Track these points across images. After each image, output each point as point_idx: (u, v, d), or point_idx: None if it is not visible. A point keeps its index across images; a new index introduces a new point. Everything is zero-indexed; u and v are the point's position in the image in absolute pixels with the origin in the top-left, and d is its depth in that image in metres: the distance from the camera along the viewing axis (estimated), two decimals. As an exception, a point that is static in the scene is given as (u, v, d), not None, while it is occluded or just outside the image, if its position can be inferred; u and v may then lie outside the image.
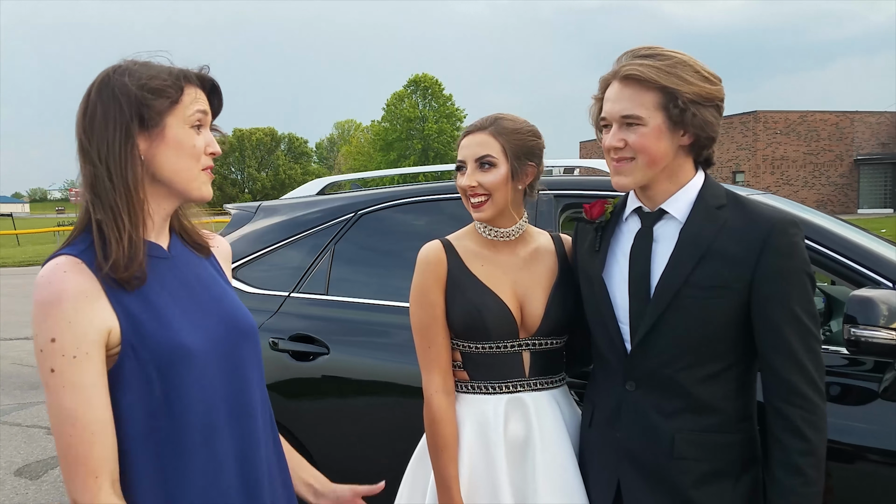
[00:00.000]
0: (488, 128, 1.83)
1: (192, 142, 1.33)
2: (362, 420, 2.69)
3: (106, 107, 1.28)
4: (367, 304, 2.78)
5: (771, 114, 36.19)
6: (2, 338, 9.06)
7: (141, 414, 1.26)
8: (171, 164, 1.32)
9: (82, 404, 1.20)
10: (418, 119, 58.76)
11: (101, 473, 1.21)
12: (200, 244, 1.47)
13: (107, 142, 1.27)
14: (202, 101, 1.36)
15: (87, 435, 1.20)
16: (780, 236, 1.55)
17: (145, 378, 1.26)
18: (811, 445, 1.52)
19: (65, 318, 1.20)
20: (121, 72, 1.30)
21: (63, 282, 1.22)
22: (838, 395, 2.11)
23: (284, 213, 3.12)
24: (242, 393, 1.38)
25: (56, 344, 1.20)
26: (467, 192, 1.83)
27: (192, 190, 1.35)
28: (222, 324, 1.38)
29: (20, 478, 4.50)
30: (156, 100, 1.29)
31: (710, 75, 1.61)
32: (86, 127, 1.29)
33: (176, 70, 1.33)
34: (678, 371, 1.60)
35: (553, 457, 1.77)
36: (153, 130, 1.30)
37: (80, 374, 1.20)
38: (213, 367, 1.33)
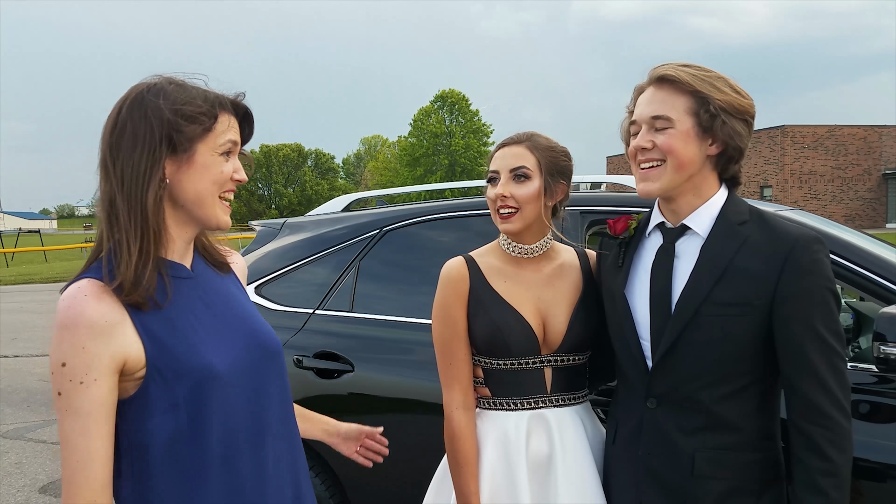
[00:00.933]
0: (524, 142, 1.84)
1: (219, 169, 1.32)
2: (387, 437, 2.68)
3: (136, 126, 1.27)
4: (392, 322, 2.79)
5: (799, 128, 35.84)
6: (29, 354, 9.20)
7: (166, 436, 1.25)
8: (195, 189, 1.31)
9: (77, 431, 1.20)
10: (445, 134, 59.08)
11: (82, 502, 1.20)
12: (220, 262, 1.47)
13: (132, 162, 1.26)
14: (234, 129, 1.35)
15: (74, 462, 1.20)
16: (802, 253, 1.53)
17: (172, 400, 1.25)
18: (834, 466, 1.49)
19: (79, 343, 1.20)
20: (155, 92, 1.29)
21: (82, 306, 1.21)
22: (868, 413, 2.08)
23: (310, 230, 3.15)
24: (264, 412, 1.38)
25: (66, 368, 1.20)
26: (497, 202, 1.82)
27: (210, 218, 1.34)
28: (247, 343, 1.38)
29: (44, 495, 4.54)
30: (188, 126, 1.28)
31: (741, 90, 1.63)
32: (112, 143, 1.28)
33: (212, 96, 1.33)
34: (699, 389, 1.59)
35: (576, 473, 1.77)
36: (182, 156, 1.29)
37: (83, 400, 1.20)
38: (237, 387, 1.33)
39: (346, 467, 2.71)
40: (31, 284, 20.07)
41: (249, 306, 1.47)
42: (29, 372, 8.08)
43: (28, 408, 6.59)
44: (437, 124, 59.10)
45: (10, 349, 9.51)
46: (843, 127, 36.40)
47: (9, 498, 4.49)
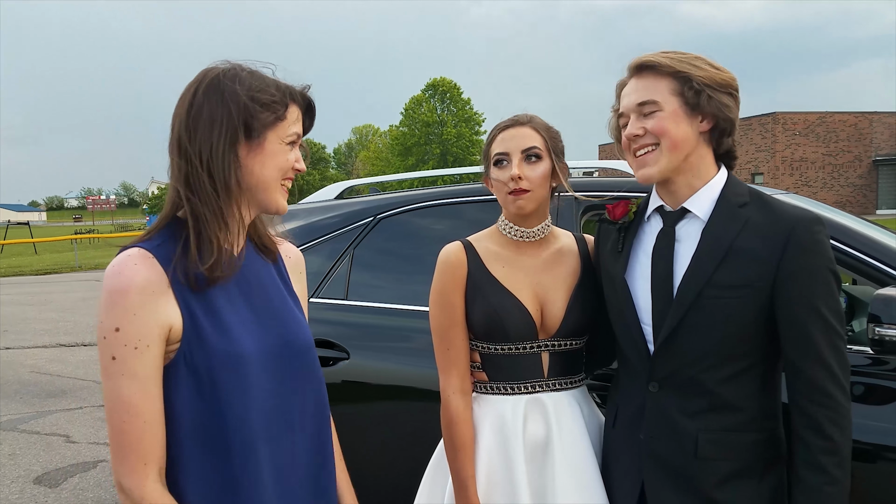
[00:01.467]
0: (528, 123, 1.83)
1: (284, 157, 1.37)
2: (383, 424, 2.69)
3: (213, 109, 1.30)
4: (387, 309, 2.78)
5: (790, 115, 35.94)
6: (20, 346, 9.17)
7: (189, 412, 1.29)
8: (261, 174, 1.35)
9: (139, 394, 1.24)
10: (437, 123, 58.93)
11: (149, 461, 1.26)
12: (268, 247, 1.49)
13: (211, 143, 1.30)
14: (299, 122, 1.40)
15: (140, 423, 1.25)
16: (803, 234, 1.54)
17: (196, 379, 1.29)
18: (835, 444, 1.51)
19: (131, 308, 1.23)
20: (231, 76, 1.33)
21: (133, 273, 1.25)
22: (862, 395, 2.09)
23: (302, 218, 3.13)
24: (290, 406, 1.40)
25: (120, 333, 1.23)
26: (509, 184, 1.79)
27: (271, 202, 1.39)
28: (277, 337, 1.39)
29: (39, 486, 4.54)
30: (263, 113, 1.32)
31: (721, 67, 1.64)
32: (189, 125, 1.31)
33: (283, 86, 1.37)
34: (701, 371, 1.59)
35: (573, 457, 1.77)
36: (253, 141, 1.33)
37: (141, 364, 1.24)
38: (259, 377, 1.34)
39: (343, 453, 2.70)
40: (21, 276, 19.96)
41: (289, 301, 1.48)
42: (21, 364, 8.06)
43: (21, 399, 6.57)
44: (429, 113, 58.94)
45: (2, 341, 9.47)
46: (833, 114, 36.51)
47: (3, 489, 4.48)
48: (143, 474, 1.25)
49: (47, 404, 6.41)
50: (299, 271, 1.59)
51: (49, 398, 6.61)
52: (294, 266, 1.57)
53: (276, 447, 1.37)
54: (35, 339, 9.55)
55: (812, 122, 35.97)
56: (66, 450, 5.19)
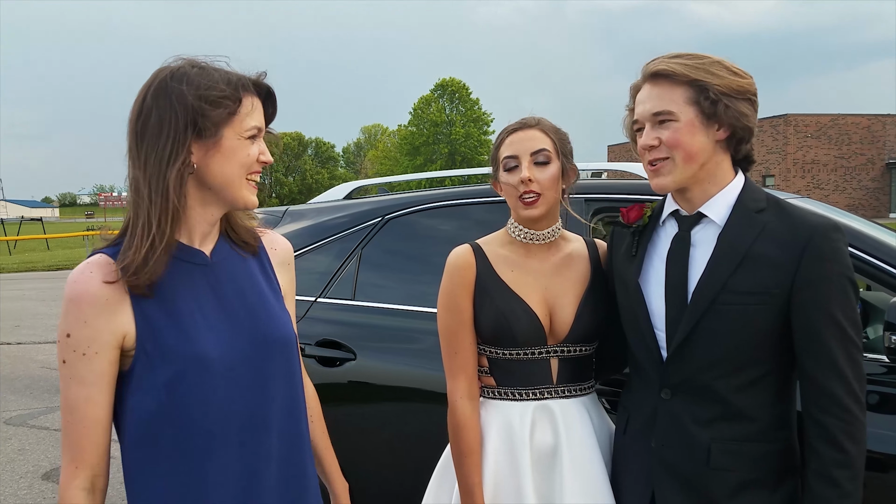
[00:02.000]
0: (536, 125, 1.81)
1: (245, 152, 1.33)
2: (389, 426, 2.67)
3: (161, 113, 1.28)
4: (394, 310, 2.77)
5: (801, 117, 35.70)
6: (31, 341, 9.22)
7: (143, 416, 1.29)
8: (222, 172, 1.32)
9: (82, 399, 1.28)
10: (445, 123, 58.99)
11: (80, 465, 1.29)
12: (247, 242, 1.46)
13: (157, 148, 1.27)
14: (259, 112, 1.36)
15: (79, 427, 1.28)
16: (821, 241, 1.51)
17: (153, 382, 1.28)
18: (849, 457, 1.48)
19: (81, 317, 1.26)
20: (178, 77, 1.29)
21: (87, 282, 1.27)
22: (877, 404, 2.06)
23: (311, 218, 3.13)
24: (261, 407, 1.37)
25: (70, 339, 1.27)
26: (520, 188, 1.77)
27: (238, 199, 1.36)
28: (250, 336, 1.37)
29: (47, 482, 4.55)
30: (213, 111, 1.28)
31: (739, 70, 1.59)
32: (138, 130, 1.29)
33: (234, 78, 1.32)
34: (715, 379, 1.57)
35: (582, 465, 1.74)
36: (209, 140, 1.30)
37: (87, 370, 1.27)
38: (231, 378, 1.32)
39: (348, 458, 2.69)
40: (33, 272, 20.09)
41: (269, 297, 1.44)
42: (31, 359, 8.10)
43: (31, 395, 6.60)
44: (437, 113, 59.01)
45: (13, 336, 9.53)
46: (846, 116, 36.24)
47: (12, 484, 4.49)
48: (72, 475, 1.29)
49: (57, 400, 6.42)
50: (287, 263, 1.55)
51: (59, 393, 6.61)
52: (281, 258, 1.53)
53: (246, 448, 1.35)
54: (46, 335, 9.60)
55: (824, 124, 35.73)
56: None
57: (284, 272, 1.53)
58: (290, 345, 1.44)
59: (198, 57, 1.34)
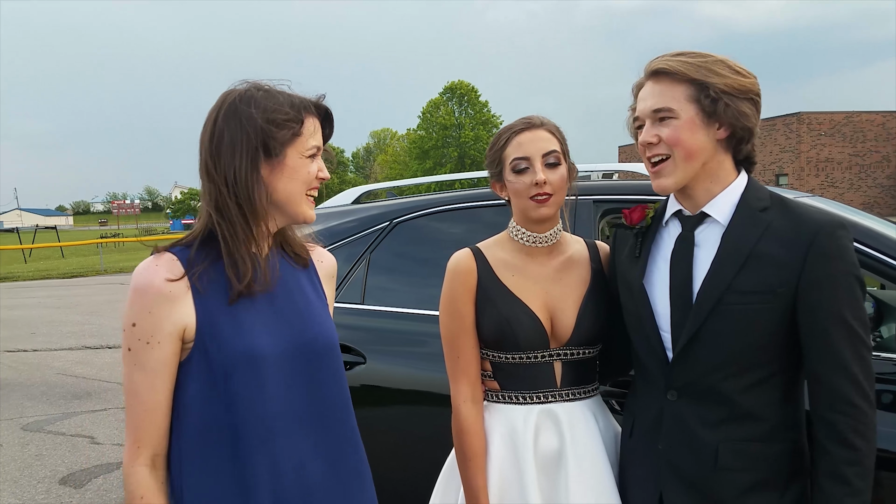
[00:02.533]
0: (544, 125, 1.81)
1: (307, 170, 1.45)
2: (398, 429, 2.68)
3: (233, 134, 1.39)
4: (403, 314, 2.77)
5: (815, 115, 35.37)
6: (48, 348, 9.30)
7: (202, 406, 1.38)
8: (286, 189, 1.43)
9: (145, 384, 1.37)
10: (454, 126, 58.99)
11: (143, 445, 1.38)
12: (299, 254, 1.56)
13: (234, 168, 1.39)
14: (318, 133, 1.48)
15: (141, 410, 1.37)
16: (827, 239, 1.50)
17: (210, 375, 1.37)
18: (858, 455, 1.47)
19: (146, 307, 1.35)
20: (247, 100, 1.41)
21: (154, 274, 1.37)
22: (890, 404, 2.04)
23: (320, 223, 3.13)
24: (309, 404, 1.45)
25: (136, 328, 1.36)
26: (532, 189, 1.76)
27: (298, 214, 1.47)
28: (300, 337, 1.45)
29: (64, 486, 4.59)
30: (279, 132, 1.40)
31: (742, 69, 1.58)
32: (212, 151, 1.41)
33: (297, 101, 1.44)
34: (721, 380, 1.56)
35: (587, 469, 1.74)
36: (274, 160, 1.41)
37: (150, 358, 1.36)
38: (281, 375, 1.41)
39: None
40: (48, 280, 20.27)
41: (316, 304, 1.53)
42: (48, 366, 8.17)
43: (48, 401, 6.66)
44: (447, 116, 59.03)
45: (30, 343, 9.62)
46: (860, 113, 35.88)
47: (29, 489, 4.54)
48: (135, 455, 1.38)
49: (73, 406, 6.49)
50: (331, 275, 1.65)
51: (75, 399, 6.69)
52: (326, 271, 1.63)
53: (295, 443, 1.42)
54: (62, 342, 9.69)
55: (838, 122, 35.40)
56: (91, 451, 5.25)
57: (329, 285, 1.63)
58: (335, 349, 1.52)
59: (261, 81, 1.46)
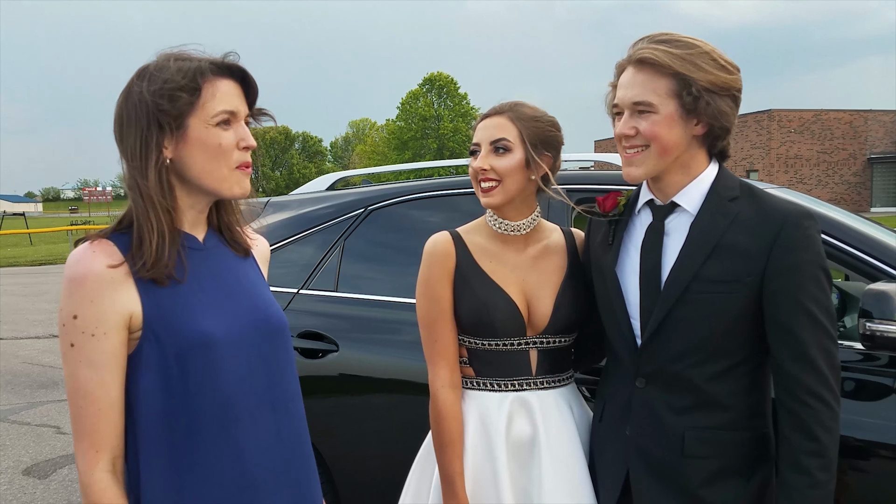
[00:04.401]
0: (506, 112, 1.79)
1: (216, 141, 1.32)
2: (372, 417, 2.67)
3: (129, 113, 1.31)
4: (377, 301, 2.76)
5: (785, 112, 35.91)
6: (13, 336, 9.13)
7: (158, 397, 1.28)
8: (197, 164, 1.32)
9: (94, 381, 1.26)
10: (433, 118, 58.85)
11: (101, 448, 1.27)
12: (239, 243, 1.47)
13: (130, 147, 1.31)
14: (228, 97, 1.33)
15: (95, 410, 1.26)
16: (793, 229, 1.51)
17: (163, 363, 1.28)
18: (820, 446, 1.48)
19: (87, 296, 1.25)
20: (141, 77, 1.32)
21: (91, 261, 1.26)
22: (853, 391, 2.08)
23: (293, 209, 3.11)
24: (268, 386, 1.39)
25: (78, 321, 1.25)
26: (478, 175, 1.78)
27: (223, 189, 1.35)
28: (250, 317, 1.39)
29: (28, 477, 4.51)
30: (170, 104, 1.28)
31: (727, 64, 1.57)
32: (117, 133, 1.34)
33: (192, 68, 1.30)
34: (688, 367, 1.57)
35: (560, 457, 1.75)
36: (176, 133, 1.30)
37: (98, 352, 1.26)
38: (236, 357, 1.35)
39: (331, 447, 2.69)
40: (16, 267, 19.87)
41: (261, 285, 1.48)
42: (13, 354, 8.02)
43: (12, 390, 6.54)
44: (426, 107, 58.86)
45: (-6, 332, 9.43)
46: (829, 111, 36.48)
47: (-8, 480, 4.45)
48: (94, 460, 1.27)
49: (39, 395, 6.38)
50: (265, 259, 1.57)
51: (41, 389, 6.58)
52: (261, 255, 1.56)
53: (256, 427, 1.36)
54: (29, 330, 9.51)
55: (807, 120, 35.96)
56: (56, 441, 5.16)
57: (264, 269, 1.56)
58: (287, 329, 1.47)
59: (172, 49, 1.35)
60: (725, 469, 1.57)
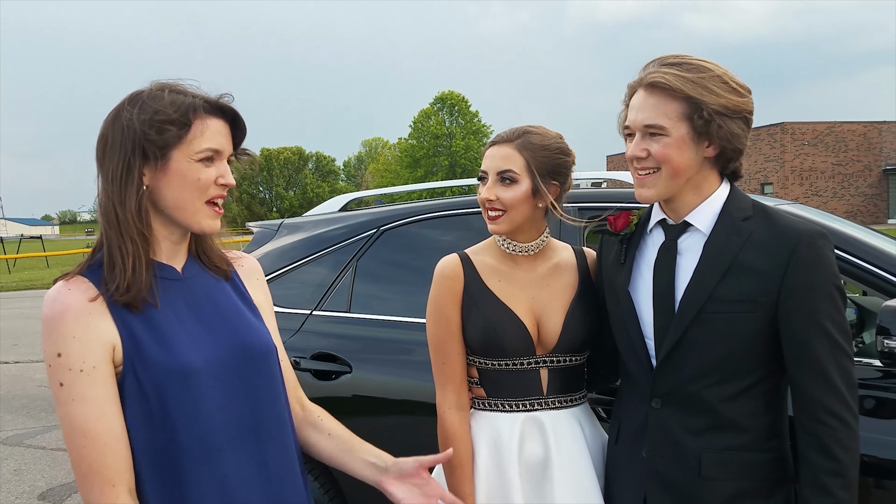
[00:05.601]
0: (514, 141, 1.79)
1: (196, 175, 1.32)
2: (386, 439, 2.65)
3: (115, 138, 1.31)
4: (390, 322, 2.76)
5: (798, 125, 35.81)
6: (29, 360, 9.18)
7: (142, 430, 1.27)
8: (173, 196, 1.33)
9: (92, 417, 1.23)
10: (445, 136, 59.16)
11: (117, 482, 1.24)
12: (219, 266, 1.46)
13: (111, 171, 1.31)
14: (215, 135, 1.34)
15: (100, 446, 1.23)
16: (807, 248, 1.50)
17: (143, 397, 1.27)
18: (840, 465, 1.46)
19: (69, 332, 1.23)
20: (133, 102, 1.32)
21: (67, 298, 1.25)
22: (872, 409, 2.05)
23: (307, 230, 3.12)
24: (250, 415, 1.38)
25: (62, 358, 1.23)
26: (485, 204, 1.80)
27: (193, 224, 1.35)
28: (229, 345, 1.37)
29: (44, 502, 4.51)
30: (158, 135, 1.29)
31: (738, 86, 1.56)
32: (99, 154, 1.34)
33: (185, 103, 1.32)
34: (704, 388, 1.56)
35: (573, 478, 1.73)
36: (158, 163, 1.31)
37: (89, 386, 1.24)
38: (217, 388, 1.34)
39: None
40: (32, 290, 20.04)
41: (244, 311, 1.45)
42: (30, 378, 8.06)
43: (28, 414, 6.57)
44: (438, 126, 59.19)
45: (11, 355, 9.49)
46: (842, 123, 36.35)
47: (8, 504, 4.46)
48: (113, 495, 1.24)
49: (54, 419, 6.39)
50: (256, 278, 1.56)
51: (56, 413, 6.60)
52: (250, 273, 1.54)
53: (240, 456, 1.35)
54: (44, 353, 9.56)
55: (821, 132, 35.83)
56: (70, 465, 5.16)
57: (256, 287, 1.54)
58: (271, 354, 1.45)
59: (168, 80, 1.36)
60: (743, 491, 1.56)
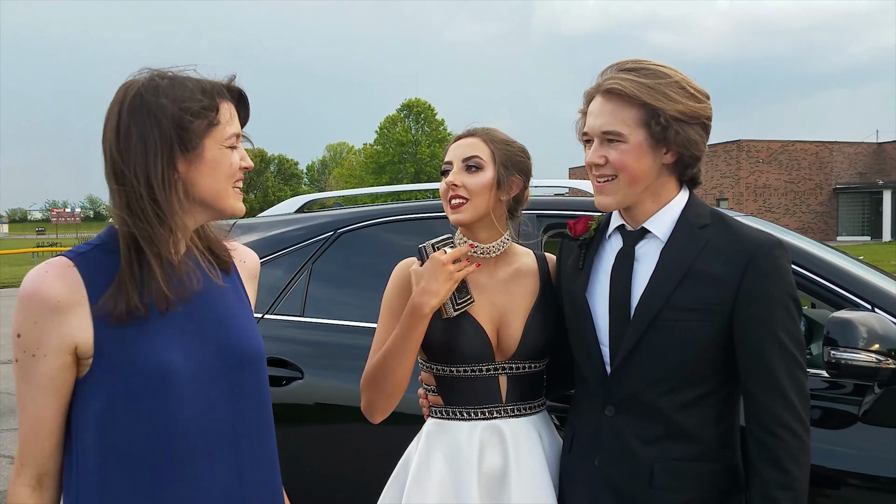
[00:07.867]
0: (479, 134, 1.80)
1: (228, 161, 1.33)
2: (338, 447, 2.61)
3: (143, 128, 1.25)
4: (344, 326, 2.72)
5: (754, 143, 36.82)
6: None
7: (102, 427, 1.24)
8: (207, 184, 1.31)
9: (29, 398, 1.26)
10: (411, 143, 59.15)
11: (26, 463, 1.28)
12: (221, 257, 1.44)
13: (147, 167, 1.25)
14: (235, 119, 1.35)
15: (27, 426, 1.28)
16: (764, 258, 1.51)
17: (112, 393, 1.24)
18: (790, 478, 1.46)
19: (31, 317, 1.23)
20: (152, 91, 1.26)
21: (43, 283, 1.23)
22: (819, 419, 2.08)
23: (261, 231, 3.06)
24: (231, 421, 1.34)
25: (20, 339, 1.25)
26: (449, 191, 1.77)
27: (226, 207, 1.36)
28: (218, 348, 1.34)
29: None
30: (194, 122, 1.27)
31: (696, 92, 1.57)
32: (121, 149, 1.26)
33: (209, 86, 1.31)
34: (658, 396, 1.55)
35: (530, 488, 1.70)
36: (192, 153, 1.28)
37: (35, 372, 1.25)
38: (198, 391, 1.29)
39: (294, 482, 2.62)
40: (-23, 289, 19.38)
41: (238, 311, 1.42)
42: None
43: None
44: (403, 133, 59.16)
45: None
46: (796, 142, 37.48)
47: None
48: (18, 472, 1.29)
49: (9, 422, 6.18)
50: (253, 276, 1.54)
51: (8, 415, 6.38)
52: (249, 271, 1.52)
53: (217, 463, 1.31)
54: (-8, 354, 9.25)
55: (775, 150, 36.85)
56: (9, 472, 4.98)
57: (251, 285, 1.52)
58: (261, 359, 1.42)
59: (163, 68, 1.32)
60: (694, 500, 1.55)
